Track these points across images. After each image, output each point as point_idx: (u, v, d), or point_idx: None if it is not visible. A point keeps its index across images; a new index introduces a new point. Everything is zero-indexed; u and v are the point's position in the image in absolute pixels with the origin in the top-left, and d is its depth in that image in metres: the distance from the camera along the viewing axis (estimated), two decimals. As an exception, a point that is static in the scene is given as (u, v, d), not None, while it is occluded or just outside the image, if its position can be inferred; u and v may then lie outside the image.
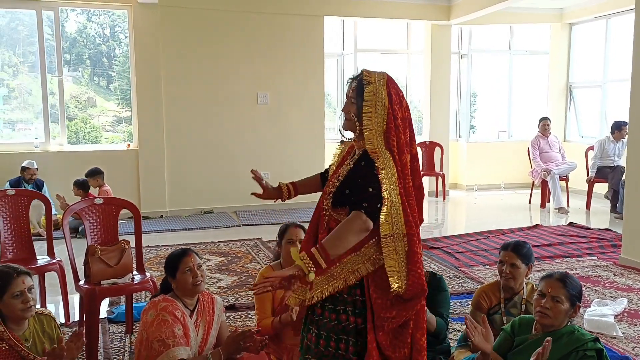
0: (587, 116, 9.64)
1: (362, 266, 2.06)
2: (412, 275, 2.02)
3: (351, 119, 2.14)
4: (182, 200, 7.59)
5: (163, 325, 2.53)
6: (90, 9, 8.10)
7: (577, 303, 2.29)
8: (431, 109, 9.03)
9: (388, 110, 2.08)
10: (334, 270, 2.08)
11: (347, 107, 2.16)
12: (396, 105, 2.10)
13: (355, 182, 2.08)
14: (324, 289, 2.09)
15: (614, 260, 5.27)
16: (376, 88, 2.08)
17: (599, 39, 9.06)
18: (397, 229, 2.02)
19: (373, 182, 2.02)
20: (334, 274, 2.08)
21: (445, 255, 5.47)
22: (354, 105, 2.13)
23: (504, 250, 2.88)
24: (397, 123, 2.10)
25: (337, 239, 2.00)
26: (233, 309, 4.07)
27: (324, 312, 2.12)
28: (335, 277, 2.08)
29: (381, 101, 2.08)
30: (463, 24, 9.07)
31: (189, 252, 2.77)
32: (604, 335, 3.58)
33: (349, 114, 2.15)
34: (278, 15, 7.79)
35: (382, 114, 2.08)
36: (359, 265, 2.06)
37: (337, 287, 2.07)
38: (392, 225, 2.02)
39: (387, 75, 2.15)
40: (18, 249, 3.88)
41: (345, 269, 2.07)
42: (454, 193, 9.44)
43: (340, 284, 2.07)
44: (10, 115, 7.94)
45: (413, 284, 2.02)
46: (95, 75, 8.80)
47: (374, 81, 2.10)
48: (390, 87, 2.11)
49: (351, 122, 2.15)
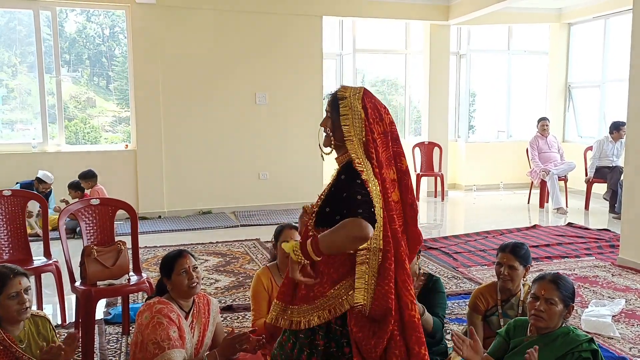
0: (586, 116, 9.63)
1: (345, 299, 2.03)
2: (378, 291, 1.99)
3: (328, 133, 2.14)
4: (181, 200, 7.58)
5: (158, 328, 2.52)
6: (90, 9, 8.08)
7: (570, 304, 2.29)
8: (430, 109, 9.02)
9: (364, 123, 2.07)
10: (318, 302, 2.07)
11: (324, 121, 2.16)
12: (373, 118, 2.08)
13: (337, 197, 2.03)
14: (310, 318, 2.07)
15: (612, 260, 5.26)
16: (351, 102, 2.08)
17: (597, 39, 9.05)
18: (375, 243, 2.01)
19: (360, 190, 1.97)
20: (319, 306, 2.07)
21: (443, 256, 5.47)
22: (329, 120, 2.13)
23: (502, 251, 2.87)
24: (374, 137, 2.08)
25: (331, 241, 1.95)
26: (230, 310, 4.06)
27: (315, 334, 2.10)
28: (320, 308, 2.07)
29: (357, 114, 2.07)
30: (462, 24, 9.06)
31: (185, 253, 2.75)
32: (601, 335, 3.58)
33: (325, 127, 2.15)
34: (276, 15, 7.79)
35: (360, 127, 2.07)
36: (342, 299, 2.04)
37: (325, 317, 2.05)
38: (370, 239, 1.97)
39: (364, 90, 2.14)
40: (14, 249, 3.87)
41: (329, 303, 2.06)
42: (453, 193, 9.43)
43: (326, 314, 2.05)
44: (9, 116, 7.94)
45: (378, 300, 1.98)
46: (94, 75, 8.80)
47: (348, 95, 2.09)
48: (365, 102, 2.09)
49: (328, 137, 2.14)
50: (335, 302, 2.04)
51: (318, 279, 2.06)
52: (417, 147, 8.92)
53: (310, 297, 2.09)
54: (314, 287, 2.08)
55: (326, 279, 2.07)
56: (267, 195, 7.79)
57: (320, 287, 2.08)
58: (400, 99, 10.17)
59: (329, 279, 2.07)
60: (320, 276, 2.08)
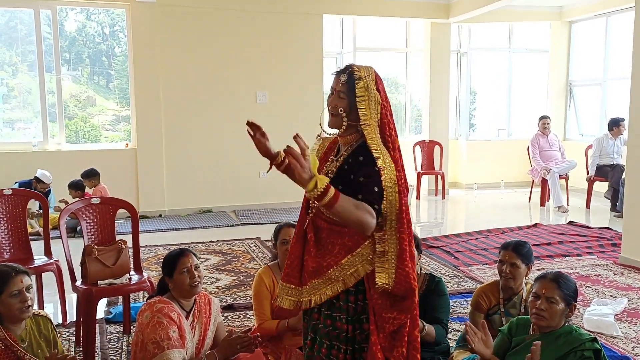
0: (587, 114, 9.61)
1: (361, 267, 2.02)
2: (399, 273, 1.99)
3: (338, 114, 2.06)
4: (181, 199, 7.57)
5: (158, 327, 2.51)
6: (90, 8, 8.06)
7: (572, 302, 2.27)
8: (430, 108, 9.00)
9: (381, 105, 2.05)
10: (331, 273, 2.03)
11: (334, 101, 2.06)
12: (385, 101, 2.08)
13: (351, 179, 2.01)
14: (322, 292, 2.04)
15: (614, 259, 5.25)
16: (367, 83, 2.03)
17: (599, 37, 9.03)
18: (391, 227, 2.01)
19: (377, 181, 1.97)
20: (332, 277, 2.03)
21: (444, 255, 5.46)
22: (343, 100, 2.04)
23: (504, 249, 2.85)
24: (389, 119, 2.08)
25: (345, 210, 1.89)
26: (231, 309, 4.05)
27: (319, 317, 2.09)
28: (333, 280, 2.03)
29: (374, 97, 2.04)
30: (462, 22, 9.04)
31: (187, 252, 2.74)
32: (604, 335, 3.57)
33: (335, 108, 2.05)
34: (277, 13, 7.77)
35: (376, 110, 2.04)
36: (357, 267, 2.02)
37: (337, 290, 2.02)
38: (387, 221, 2.00)
39: (374, 71, 2.10)
40: (15, 248, 3.86)
41: (344, 272, 2.03)
42: (454, 192, 9.42)
43: (339, 286, 2.02)
44: (9, 115, 7.92)
45: (399, 282, 1.98)
46: (94, 74, 8.78)
47: (364, 76, 2.04)
48: (379, 83, 2.08)
49: (338, 118, 2.05)
50: (349, 271, 2.01)
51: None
52: (417, 146, 8.90)
53: (323, 268, 2.04)
54: (326, 258, 2.04)
55: (338, 248, 2.04)
56: (268, 194, 7.77)
57: (332, 257, 2.04)
58: (401, 97, 10.15)
59: (342, 248, 2.04)
60: (330, 246, 2.05)
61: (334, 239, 2.05)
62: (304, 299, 2.07)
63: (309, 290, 2.07)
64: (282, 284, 2.16)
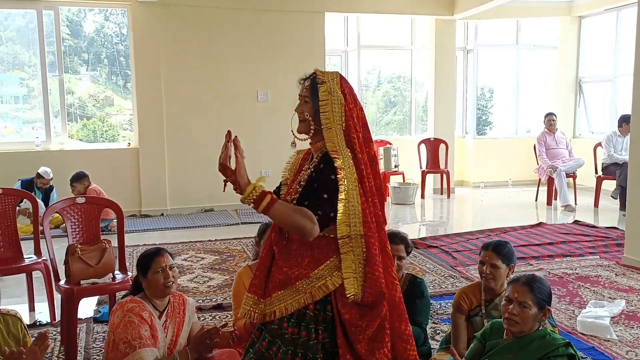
0: (597, 111, 9.43)
1: (330, 280, 1.99)
2: (369, 278, 1.97)
3: (305, 118, 2.08)
4: (183, 198, 7.58)
5: (129, 327, 2.50)
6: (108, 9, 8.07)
7: (545, 306, 2.20)
8: (436, 105, 8.90)
9: (345, 108, 2.05)
10: (299, 285, 2.00)
11: (300, 107, 2.11)
12: (351, 104, 2.08)
13: (313, 187, 2.01)
14: (287, 303, 2.01)
15: (617, 260, 5.12)
16: (331, 87, 2.05)
17: (609, 32, 8.84)
18: (355, 230, 1.98)
19: (328, 187, 1.97)
20: (299, 289, 2.00)
21: (442, 254, 5.37)
22: (308, 105, 2.08)
23: (484, 250, 2.79)
24: (355, 122, 2.07)
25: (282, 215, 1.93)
26: (220, 309, 4.03)
27: (281, 322, 2.04)
28: (300, 292, 2.00)
29: (337, 99, 2.04)
30: (468, 18, 8.93)
31: (163, 251, 2.72)
32: (598, 338, 3.46)
33: (302, 114, 2.09)
34: (278, 12, 7.74)
35: (340, 112, 2.04)
36: (325, 280, 1.99)
37: (303, 302, 2.00)
38: (349, 227, 1.97)
39: (340, 75, 2.12)
40: (5, 247, 3.88)
41: (312, 284, 2.00)
42: (461, 190, 9.31)
43: (306, 298, 2.00)
44: (28, 115, 8.02)
45: (370, 287, 1.97)
46: (112, 74, 8.86)
47: (327, 80, 2.06)
48: (344, 86, 2.08)
49: (305, 123, 2.09)
50: (318, 284, 1.99)
51: None
52: (422, 144, 8.81)
53: (291, 280, 2.02)
54: (294, 269, 2.02)
55: (308, 260, 2.02)
56: (269, 193, 7.73)
57: (301, 269, 2.02)
58: (406, 95, 10.05)
59: (311, 259, 2.02)
60: (299, 259, 2.03)
61: (305, 251, 2.03)
62: (268, 310, 2.04)
63: (273, 302, 2.04)
64: (247, 294, 2.13)
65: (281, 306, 2.02)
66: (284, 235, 2.09)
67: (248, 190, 1.92)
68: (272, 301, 2.05)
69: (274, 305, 2.04)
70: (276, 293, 2.04)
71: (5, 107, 8.29)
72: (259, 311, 2.06)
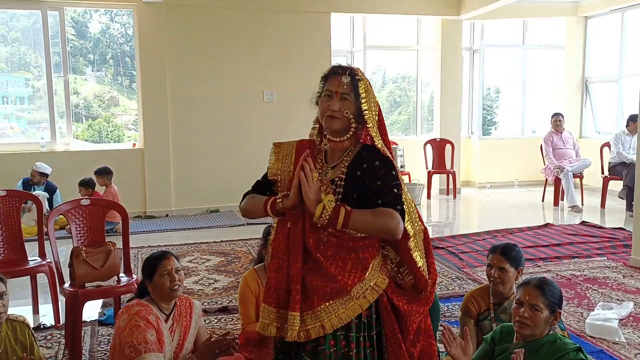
0: (604, 112, 9.37)
1: (380, 279, 1.95)
2: (432, 268, 2.07)
3: (344, 116, 1.92)
4: (188, 199, 7.57)
5: (135, 331, 2.47)
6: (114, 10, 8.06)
7: (557, 310, 2.17)
8: (442, 106, 8.87)
9: (377, 105, 2.01)
10: (354, 291, 1.88)
11: (337, 104, 1.92)
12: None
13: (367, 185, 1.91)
14: (340, 313, 1.86)
15: (625, 261, 5.07)
16: (366, 84, 1.96)
17: (615, 33, 8.79)
18: (417, 226, 2.01)
19: (397, 183, 1.91)
20: (355, 294, 1.88)
21: (449, 256, 5.34)
22: (348, 103, 1.93)
23: (492, 253, 2.76)
24: (382, 120, 2.03)
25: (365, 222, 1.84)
26: (225, 311, 4.00)
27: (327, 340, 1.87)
28: (353, 298, 1.88)
29: (372, 97, 1.97)
30: (474, 18, 8.88)
31: (168, 255, 2.70)
32: (606, 340, 3.43)
33: (341, 112, 1.92)
34: (284, 12, 7.72)
35: (376, 111, 1.98)
36: (376, 279, 1.94)
37: (360, 308, 1.88)
38: (412, 224, 1.98)
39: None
40: (9, 250, 3.86)
41: (364, 287, 1.90)
42: (467, 191, 9.26)
43: (363, 303, 1.89)
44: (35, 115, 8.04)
45: (432, 274, 2.06)
46: (118, 74, 8.87)
47: (362, 77, 1.96)
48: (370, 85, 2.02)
49: (344, 121, 1.93)
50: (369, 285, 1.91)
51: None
52: (428, 144, 8.77)
53: (347, 287, 1.87)
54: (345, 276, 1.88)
55: (351, 264, 1.90)
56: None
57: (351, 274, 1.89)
58: (412, 95, 10.02)
59: (355, 262, 1.91)
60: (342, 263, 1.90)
61: (345, 254, 1.91)
62: (313, 326, 1.87)
63: (319, 315, 1.87)
64: (264, 306, 1.97)
65: (332, 318, 1.86)
66: (322, 240, 1.92)
67: (319, 211, 1.81)
68: (317, 314, 1.87)
69: (321, 319, 1.86)
70: (323, 305, 1.87)
71: (11, 108, 8.31)
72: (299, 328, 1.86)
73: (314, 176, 1.85)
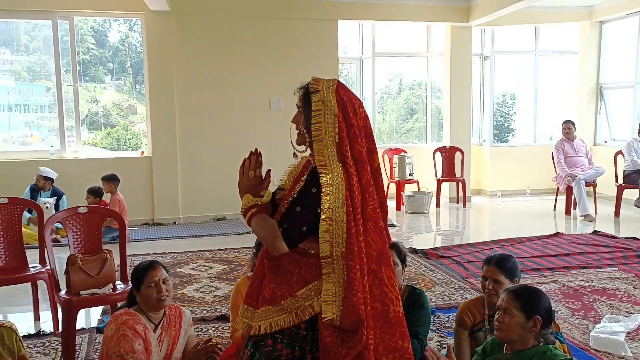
0: (619, 118, 9.19)
1: (316, 302, 1.92)
2: (346, 304, 1.87)
3: (301, 130, 2.02)
4: (196, 207, 7.57)
5: (122, 340, 2.46)
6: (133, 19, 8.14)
7: (534, 316, 2.12)
8: (451, 113, 8.78)
9: (339, 118, 1.93)
10: (285, 303, 1.94)
11: (295, 117, 2.05)
12: (349, 113, 1.96)
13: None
14: (273, 320, 1.95)
15: (637, 272, 4.94)
16: (324, 96, 1.94)
17: (631, 37, 8.63)
18: (338, 250, 1.88)
19: (304, 200, 1.91)
20: (286, 307, 1.94)
21: (454, 265, 5.25)
22: (302, 116, 2.01)
23: (487, 264, 2.69)
24: (353, 131, 1.95)
25: (257, 227, 1.99)
26: (223, 320, 3.97)
27: (275, 344, 1.96)
28: (286, 311, 1.94)
29: (331, 109, 1.93)
30: (484, 25, 8.80)
31: (156, 265, 2.69)
32: (612, 354, 3.33)
33: (297, 124, 2.03)
34: (291, 20, 7.73)
35: (333, 124, 1.93)
36: (312, 300, 1.93)
37: (289, 322, 1.93)
38: (332, 246, 1.88)
39: (338, 82, 2.01)
40: (10, 257, 3.88)
41: (298, 304, 1.93)
42: (477, 199, 9.15)
43: (292, 318, 1.93)
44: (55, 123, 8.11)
45: (348, 313, 1.87)
46: (137, 83, 8.96)
47: (321, 89, 1.96)
48: (341, 94, 1.96)
49: (301, 135, 2.02)
50: (304, 304, 1.92)
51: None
52: (438, 152, 8.69)
53: (277, 297, 1.96)
54: (282, 287, 1.96)
55: (296, 278, 1.96)
56: (283, 201, 7.69)
57: (288, 287, 1.96)
58: (422, 102, 9.94)
59: (299, 278, 1.95)
60: (289, 275, 1.97)
61: (293, 268, 1.97)
62: (255, 324, 1.99)
63: (260, 316, 1.99)
64: (243, 305, 2.09)
65: (266, 322, 1.96)
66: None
67: (243, 202, 2.00)
68: (259, 315, 1.98)
69: (260, 319, 1.98)
70: (264, 307, 1.99)
71: (32, 116, 8.41)
72: (248, 321, 2.01)
73: (250, 173, 2.08)
